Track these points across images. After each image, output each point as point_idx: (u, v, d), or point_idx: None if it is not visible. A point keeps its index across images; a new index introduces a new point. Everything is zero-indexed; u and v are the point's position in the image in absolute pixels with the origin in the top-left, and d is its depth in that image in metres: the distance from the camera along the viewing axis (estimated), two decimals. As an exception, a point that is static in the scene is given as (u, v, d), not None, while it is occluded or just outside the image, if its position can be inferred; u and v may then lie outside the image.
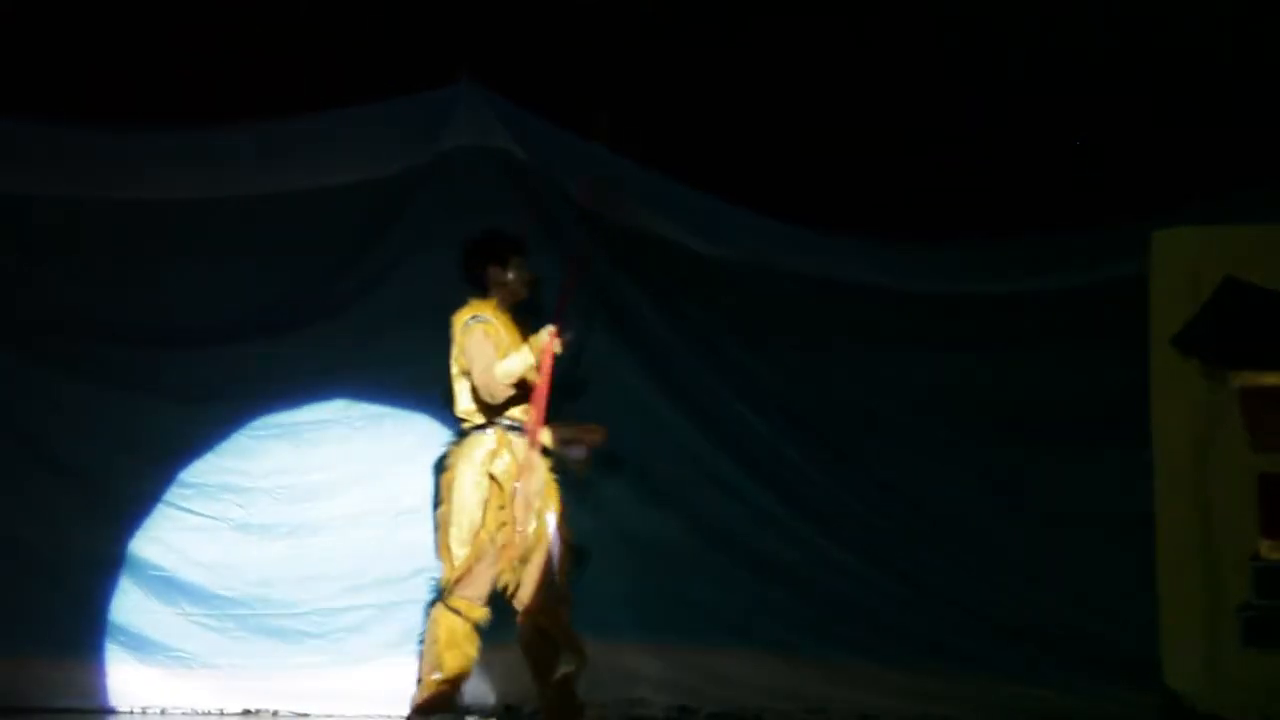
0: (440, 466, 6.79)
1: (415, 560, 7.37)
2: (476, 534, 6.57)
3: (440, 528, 6.67)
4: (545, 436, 6.76)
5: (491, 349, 6.64)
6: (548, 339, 6.59)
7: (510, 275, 6.79)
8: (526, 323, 6.83)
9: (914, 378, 7.65)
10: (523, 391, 6.69)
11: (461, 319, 6.73)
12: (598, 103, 6.96)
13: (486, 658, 6.82)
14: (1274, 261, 7.04)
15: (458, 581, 6.61)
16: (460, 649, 6.60)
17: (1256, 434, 6.94)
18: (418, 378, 7.35)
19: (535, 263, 7.05)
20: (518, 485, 6.58)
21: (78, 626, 7.44)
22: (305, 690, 7.48)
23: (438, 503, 6.73)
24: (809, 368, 7.76)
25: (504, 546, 6.58)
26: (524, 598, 6.70)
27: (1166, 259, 7.11)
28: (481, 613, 6.63)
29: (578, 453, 6.88)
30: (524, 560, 6.66)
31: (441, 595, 6.66)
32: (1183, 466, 6.96)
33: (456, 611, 6.61)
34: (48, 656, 7.42)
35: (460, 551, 6.58)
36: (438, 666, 6.60)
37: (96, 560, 7.46)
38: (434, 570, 6.96)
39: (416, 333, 7.30)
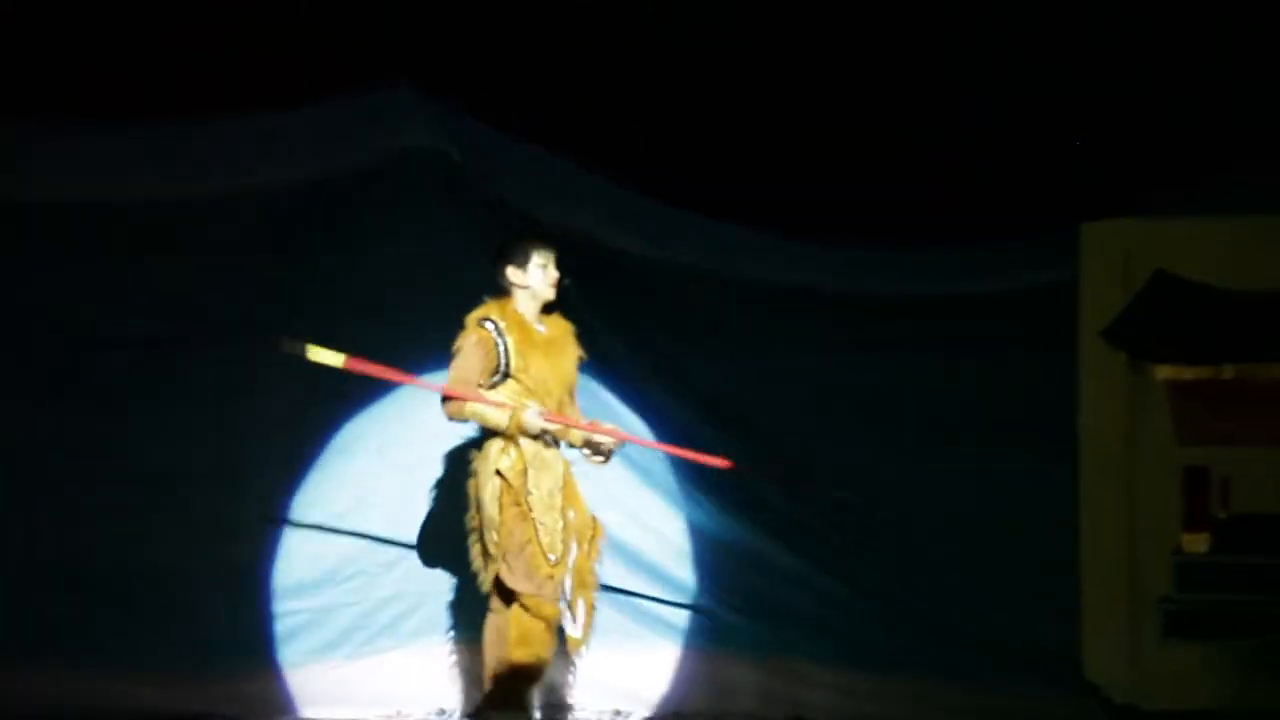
0: (467, 473, 6.75)
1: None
2: (499, 531, 6.50)
3: (474, 536, 6.64)
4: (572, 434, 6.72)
5: (475, 364, 6.54)
6: (533, 429, 6.49)
7: (529, 277, 6.66)
8: (557, 324, 6.74)
9: (859, 381, 7.59)
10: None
11: (472, 318, 6.65)
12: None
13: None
14: (1204, 255, 7.06)
15: (519, 579, 6.50)
16: (530, 646, 6.52)
17: (1181, 427, 7.00)
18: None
19: (475, 268, 7.04)
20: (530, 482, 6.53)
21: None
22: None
23: (468, 509, 6.68)
24: (754, 372, 7.73)
25: (528, 541, 6.51)
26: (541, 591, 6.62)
27: (1096, 251, 7.16)
28: (552, 610, 6.55)
29: (597, 457, 6.83)
30: (559, 557, 6.58)
31: (489, 600, 6.60)
32: (1108, 459, 7.04)
33: (525, 608, 6.52)
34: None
35: (496, 553, 6.52)
36: (505, 666, 6.54)
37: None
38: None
39: (363, 331, 7.17)
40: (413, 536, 7.49)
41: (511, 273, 6.64)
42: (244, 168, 7.39)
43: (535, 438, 6.53)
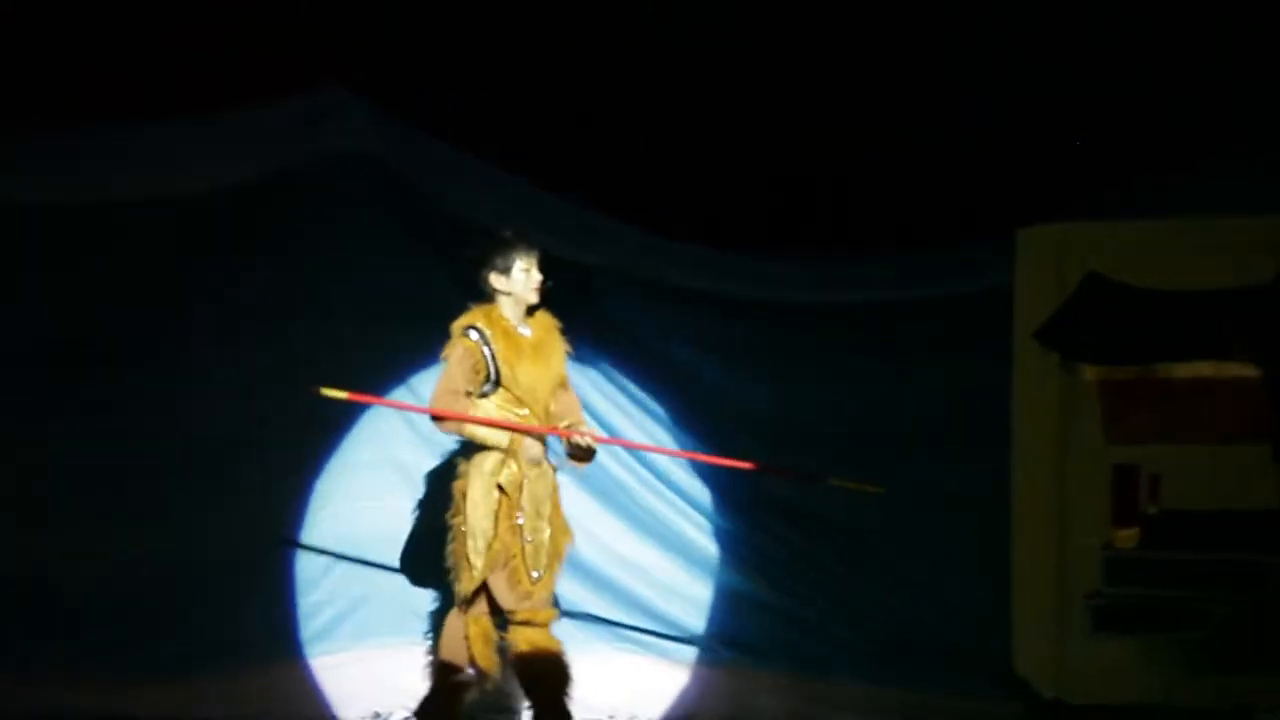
0: (451, 475, 6.74)
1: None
2: (490, 545, 6.52)
3: (456, 538, 6.61)
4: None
5: (465, 375, 6.53)
6: (533, 451, 6.55)
7: (513, 283, 6.66)
8: (541, 325, 6.75)
9: (790, 389, 7.68)
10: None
11: (458, 326, 6.63)
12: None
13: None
14: (1136, 258, 7.18)
15: (477, 594, 6.57)
16: (493, 644, 6.57)
17: (1111, 426, 7.11)
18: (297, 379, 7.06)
19: (406, 273, 7.26)
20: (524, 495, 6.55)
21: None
22: None
23: (453, 512, 6.64)
24: (682, 380, 7.82)
25: (514, 556, 6.55)
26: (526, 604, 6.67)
27: (1031, 255, 7.28)
28: (495, 619, 6.64)
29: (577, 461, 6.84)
30: (546, 568, 6.64)
31: (459, 604, 6.61)
32: (1040, 457, 7.15)
33: (475, 621, 6.57)
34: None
35: (478, 562, 6.53)
36: (484, 668, 6.58)
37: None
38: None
39: (301, 330, 7.34)
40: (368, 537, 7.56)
41: (495, 279, 6.64)
42: (179, 170, 7.40)
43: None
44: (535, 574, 6.56)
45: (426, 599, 7.48)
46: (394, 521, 7.53)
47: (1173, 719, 6.91)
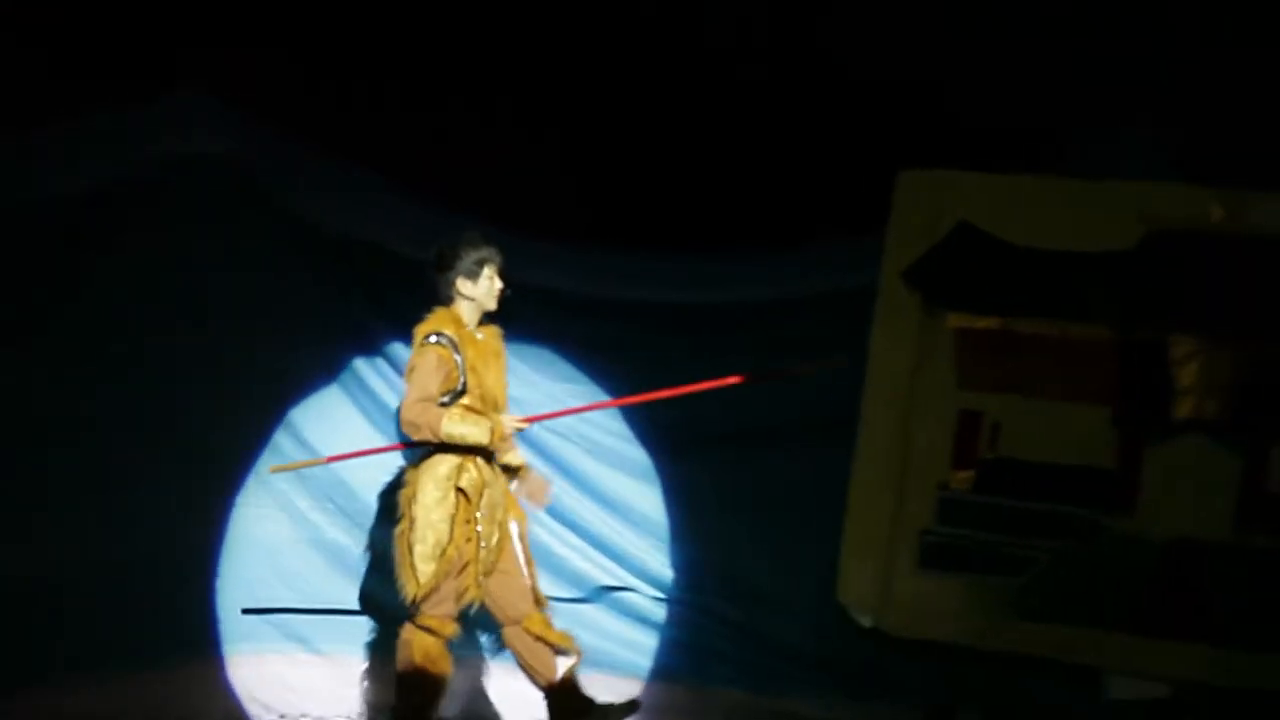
0: (397, 483, 6.89)
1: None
2: (444, 550, 6.57)
3: (399, 545, 6.68)
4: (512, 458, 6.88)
5: (437, 382, 6.57)
6: (512, 430, 6.66)
7: (478, 289, 6.75)
8: (490, 331, 6.87)
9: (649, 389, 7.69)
10: None
11: (421, 332, 6.71)
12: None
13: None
14: (1007, 211, 7.30)
15: (425, 599, 6.65)
16: (435, 666, 6.68)
17: (963, 372, 7.29)
18: (150, 381, 7.40)
19: (260, 276, 7.45)
20: (483, 500, 6.64)
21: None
22: None
23: (396, 519, 6.75)
24: (558, 379, 8.00)
25: (469, 562, 6.63)
26: (506, 608, 6.83)
27: (909, 197, 7.40)
28: (454, 628, 6.74)
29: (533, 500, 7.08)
30: (489, 573, 6.74)
31: (410, 615, 6.72)
32: (890, 393, 7.32)
33: (429, 630, 6.69)
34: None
35: (426, 568, 6.58)
36: (416, 690, 6.70)
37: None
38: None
39: (162, 336, 7.42)
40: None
41: (461, 284, 6.73)
42: (34, 176, 7.31)
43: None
44: (484, 579, 6.69)
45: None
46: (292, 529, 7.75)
47: (982, 661, 7.19)
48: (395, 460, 7.57)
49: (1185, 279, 7.10)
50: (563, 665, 6.79)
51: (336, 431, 7.73)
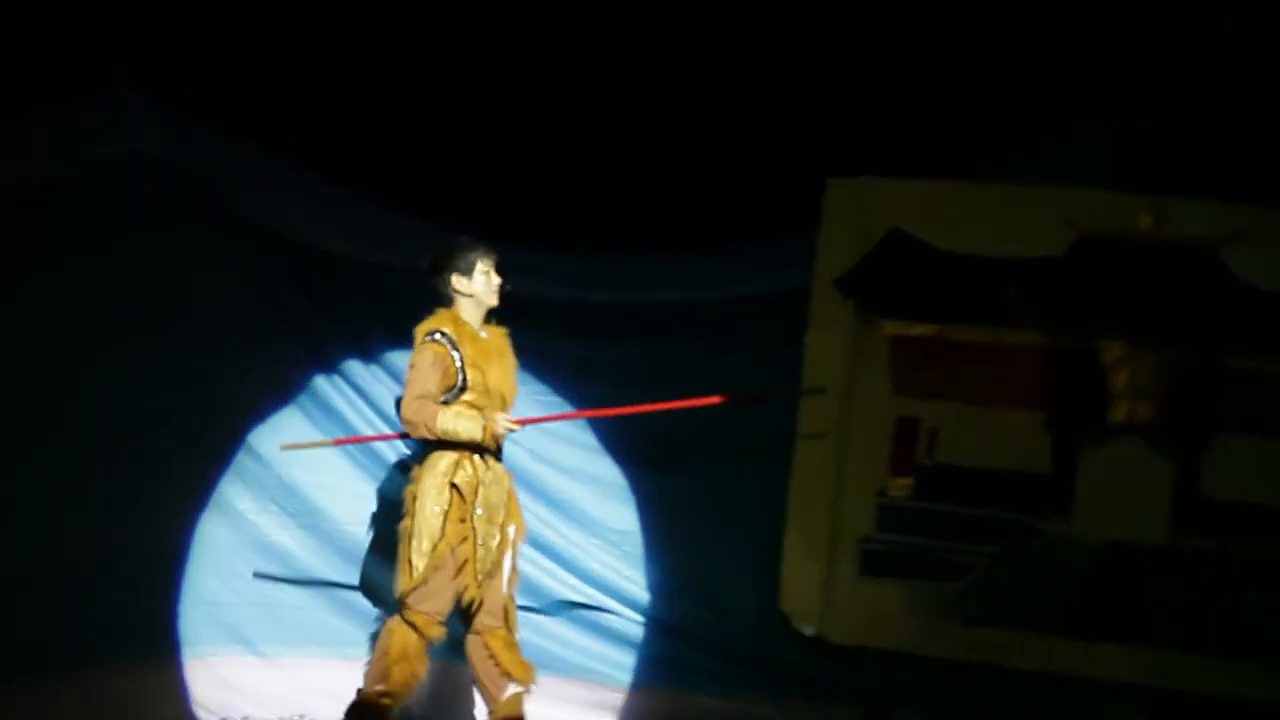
0: (405, 480, 6.84)
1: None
2: (435, 545, 6.54)
3: (402, 540, 6.65)
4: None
5: (435, 380, 6.56)
6: (504, 430, 6.60)
7: (474, 285, 6.72)
8: (496, 331, 6.82)
9: (583, 391, 7.75)
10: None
11: (421, 331, 6.69)
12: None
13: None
14: (937, 218, 7.38)
15: (414, 592, 6.59)
16: (409, 664, 6.61)
17: (899, 379, 7.35)
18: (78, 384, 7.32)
19: (204, 278, 7.34)
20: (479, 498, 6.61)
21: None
22: None
23: (402, 516, 6.71)
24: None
25: (465, 561, 6.59)
26: (481, 616, 6.75)
27: (839, 205, 7.45)
28: (438, 631, 6.63)
29: None
30: (489, 575, 6.70)
31: (399, 607, 6.66)
32: (827, 401, 7.36)
33: (413, 625, 6.62)
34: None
35: (419, 563, 6.57)
36: (382, 678, 6.61)
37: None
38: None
39: (94, 337, 7.29)
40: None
41: (457, 281, 6.72)
42: None
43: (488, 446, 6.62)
44: (482, 577, 6.64)
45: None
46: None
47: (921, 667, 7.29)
48: (350, 464, 7.65)
49: (1114, 285, 7.20)
50: (509, 690, 6.75)
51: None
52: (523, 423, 6.78)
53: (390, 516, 7.03)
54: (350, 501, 7.74)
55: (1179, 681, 7.02)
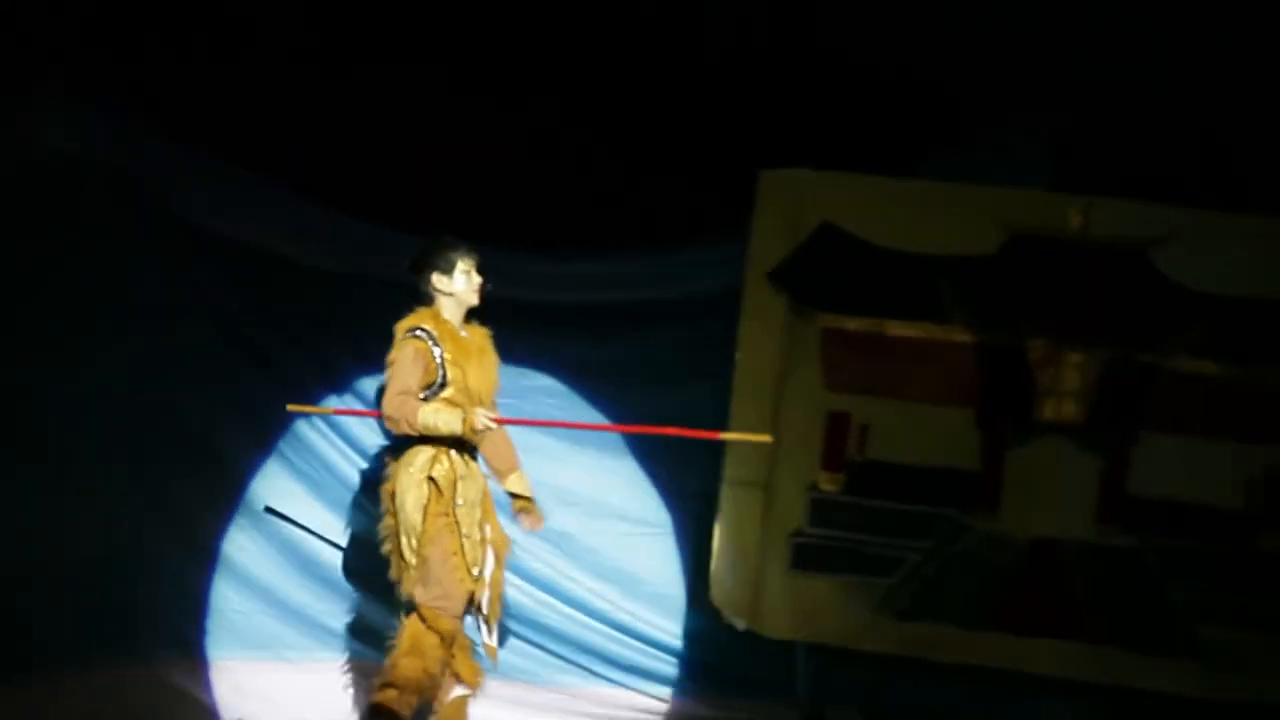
0: (380, 478, 6.79)
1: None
2: (419, 539, 6.52)
3: (390, 540, 6.63)
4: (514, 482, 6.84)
5: (416, 376, 6.53)
6: (482, 426, 6.51)
7: (455, 284, 6.67)
8: (477, 331, 6.76)
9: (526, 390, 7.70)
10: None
11: (402, 328, 6.65)
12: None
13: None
14: (869, 213, 7.39)
15: (419, 587, 6.53)
16: (419, 659, 6.52)
17: (831, 373, 7.34)
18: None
19: (148, 278, 7.27)
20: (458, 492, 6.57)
21: None
22: None
23: (380, 514, 6.68)
24: None
25: (454, 553, 6.55)
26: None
27: (771, 197, 7.43)
28: (449, 624, 6.53)
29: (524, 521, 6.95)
30: (478, 568, 6.63)
31: (414, 606, 6.58)
32: (759, 394, 7.33)
33: (424, 619, 6.54)
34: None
35: (413, 558, 6.53)
36: (389, 670, 6.54)
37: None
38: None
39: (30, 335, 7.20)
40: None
41: (437, 279, 6.67)
42: None
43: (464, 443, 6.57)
44: (476, 570, 6.57)
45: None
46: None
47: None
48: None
49: (1045, 284, 7.26)
50: (455, 692, 6.66)
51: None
52: (502, 421, 6.71)
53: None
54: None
55: (1108, 677, 7.11)
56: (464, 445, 6.64)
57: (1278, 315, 7.08)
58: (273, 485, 7.70)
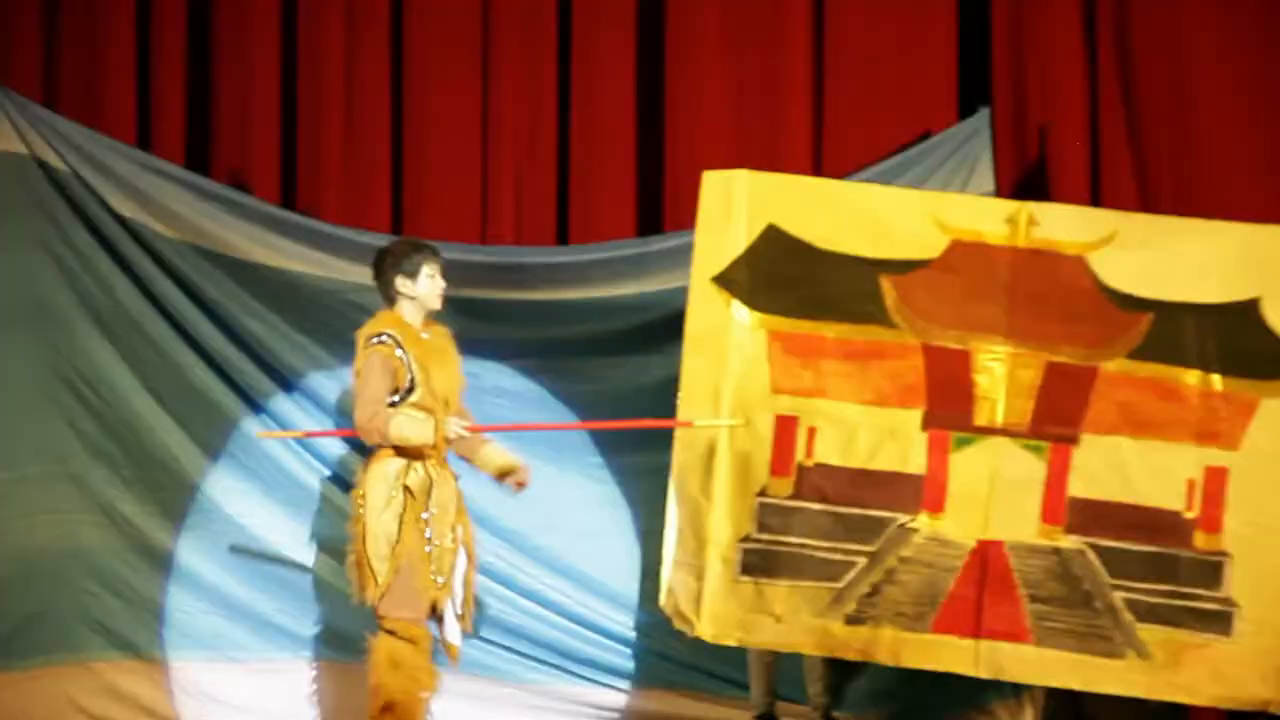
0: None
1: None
2: (394, 549, 6.46)
3: (356, 548, 6.57)
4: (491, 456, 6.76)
5: (385, 384, 6.48)
6: (455, 435, 6.50)
7: (419, 287, 6.66)
8: (438, 332, 6.77)
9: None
10: None
11: (364, 334, 6.59)
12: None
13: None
14: (813, 215, 7.37)
15: (383, 600, 6.51)
16: (403, 671, 6.49)
17: (778, 377, 7.30)
18: None
19: (73, 278, 7.30)
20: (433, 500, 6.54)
21: None
22: None
23: (352, 520, 6.63)
24: None
25: (422, 561, 6.51)
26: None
27: (716, 198, 7.36)
28: (421, 632, 6.53)
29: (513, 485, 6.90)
30: (444, 574, 6.62)
31: (378, 623, 6.55)
32: (705, 400, 7.27)
33: (393, 633, 6.51)
34: None
35: (381, 568, 6.46)
36: (377, 693, 6.50)
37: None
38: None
39: None
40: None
41: (401, 283, 6.61)
42: None
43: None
44: (442, 579, 6.49)
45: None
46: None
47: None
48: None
49: (987, 288, 7.31)
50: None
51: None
52: (475, 429, 6.61)
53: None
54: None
55: (1055, 679, 7.19)
56: (437, 450, 6.57)
57: (1214, 318, 7.20)
58: (222, 485, 7.59)
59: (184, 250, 7.57)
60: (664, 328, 7.53)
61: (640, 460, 7.56)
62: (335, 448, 7.58)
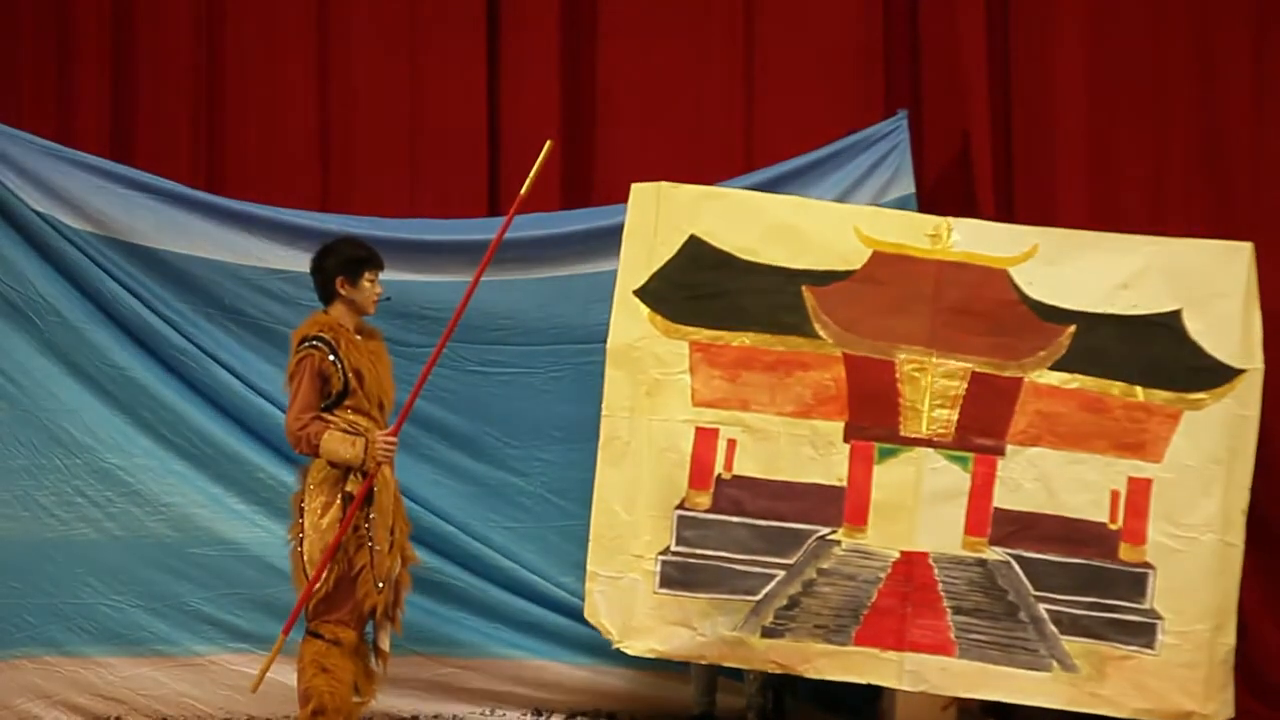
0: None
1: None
2: (332, 554, 6.45)
3: (294, 552, 6.56)
4: None
5: (318, 390, 6.48)
6: (384, 457, 6.48)
7: (358, 292, 6.65)
8: (370, 334, 6.76)
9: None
10: None
11: (298, 336, 6.59)
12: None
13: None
14: (737, 227, 7.36)
15: (320, 604, 6.50)
16: (331, 674, 6.46)
17: (699, 388, 7.27)
18: None
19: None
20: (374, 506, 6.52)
21: None
22: None
23: (291, 525, 6.62)
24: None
25: (363, 567, 6.49)
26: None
27: (641, 210, 7.37)
28: (349, 634, 6.51)
29: None
30: (385, 580, 6.58)
31: (307, 622, 6.52)
32: (627, 412, 7.23)
33: (319, 636, 6.49)
34: None
35: (321, 574, 6.46)
36: (307, 699, 6.47)
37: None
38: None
39: None
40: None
41: (341, 285, 6.60)
42: None
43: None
44: (382, 584, 6.48)
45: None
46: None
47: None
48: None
49: (910, 300, 7.29)
50: (356, 698, 6.62)
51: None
52: (396, 431, 6.61)
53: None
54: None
55: (979, 691, 7.11)
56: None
57: (1136, 329, 7.19)
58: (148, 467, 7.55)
59: (92, 239, 7.56)
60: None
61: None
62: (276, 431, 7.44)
